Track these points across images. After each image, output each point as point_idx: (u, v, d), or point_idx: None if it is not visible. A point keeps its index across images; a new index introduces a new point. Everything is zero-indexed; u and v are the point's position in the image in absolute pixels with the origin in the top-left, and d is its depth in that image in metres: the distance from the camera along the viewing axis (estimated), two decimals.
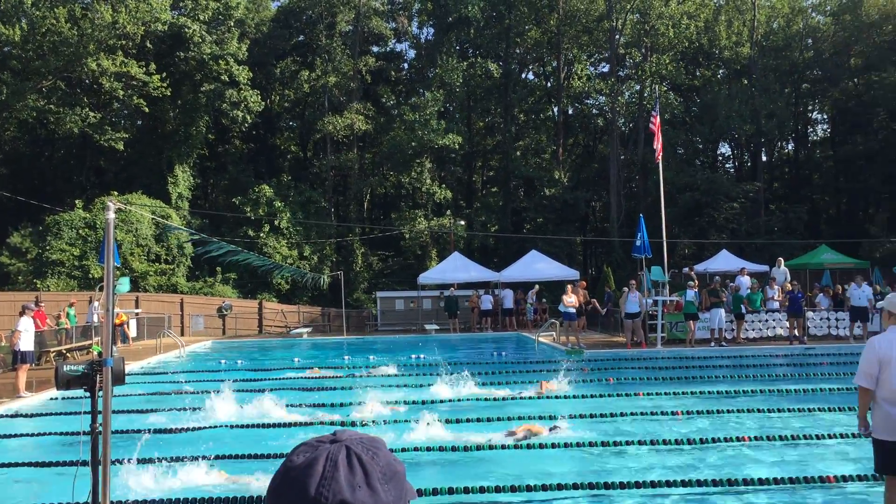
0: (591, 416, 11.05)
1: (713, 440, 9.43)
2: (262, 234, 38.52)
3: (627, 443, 9.33)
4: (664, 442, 9.32)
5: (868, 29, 44.40)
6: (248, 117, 40.16)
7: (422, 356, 19.89)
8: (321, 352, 23.57)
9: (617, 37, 44.36)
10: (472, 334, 28.20)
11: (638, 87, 45.46)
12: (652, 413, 11.36)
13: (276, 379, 15.94)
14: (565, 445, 9.23)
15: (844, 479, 7.57)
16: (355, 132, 43.02)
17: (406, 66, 50.93)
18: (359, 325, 34.85)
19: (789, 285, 24.03)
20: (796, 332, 22.50)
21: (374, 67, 45.31)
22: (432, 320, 31.06)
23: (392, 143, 41.96)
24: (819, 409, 11.21)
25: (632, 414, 11.17)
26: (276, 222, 39.05)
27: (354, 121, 41.97)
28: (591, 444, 9.29)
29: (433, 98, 41.12)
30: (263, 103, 41.55)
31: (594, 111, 50.26)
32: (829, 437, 9.46)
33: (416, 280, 33.08)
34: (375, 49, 48.52)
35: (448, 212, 42.80)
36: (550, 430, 9.90)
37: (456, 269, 32.44)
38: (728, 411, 11.44)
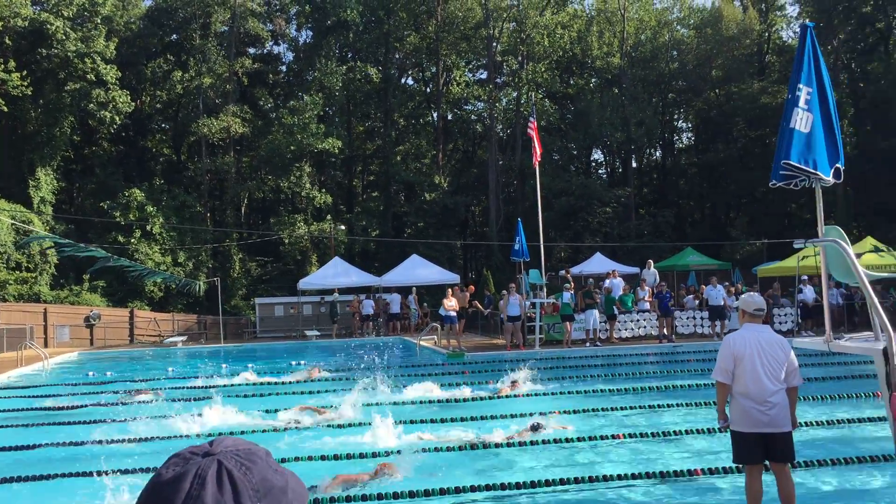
0: (463, 419, 11.20)
1: (589, 438, 9.74)
2: (132, 240, 37.02)
3: (508, 444, 9.51)
4: (532, 443, 9.53)
5: (728, 43, 46.96)
6: (117, 118, 38.50)
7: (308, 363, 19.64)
8: (197, 361, 22.87)
9: (494, 45, 45.19)
10: (355, 339, 28.03)
11: (515, 94, 46.44)
12: (531, 414, 11.61)
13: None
14: (447, 449, 9.32)
15: (711, 471, 7.97)
16: (232, 135, 42.02)
17: (284, 68, 50.17)
18: (237, 332, 34.04)
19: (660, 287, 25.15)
20: (665, 331, 23.57)
21: (251, 69, 44.42)
22: (313, 326, 30.70)
23: (270, 146, 41.23)
24: (686, 405, 11.76)
25: (512, 416, 11.38)
26: (147, 227, 37.61)
27: (231, 123, 40.99)
28: (471, 447, 9.41)
29: (312, 101, 40.68)
30: (133, 104, 39.92)
31: (473, 117, 51.01)
32: (697, 431, 9.93)
33: (296, 286, 32.61)
34: (252, 50, 47.56)
35: (328, 216, 42.41)
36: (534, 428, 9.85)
37: (337, 274, 32.20)
38: (602, 409, 11.84)
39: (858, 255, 6.30)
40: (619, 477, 7.84)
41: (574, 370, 16.62)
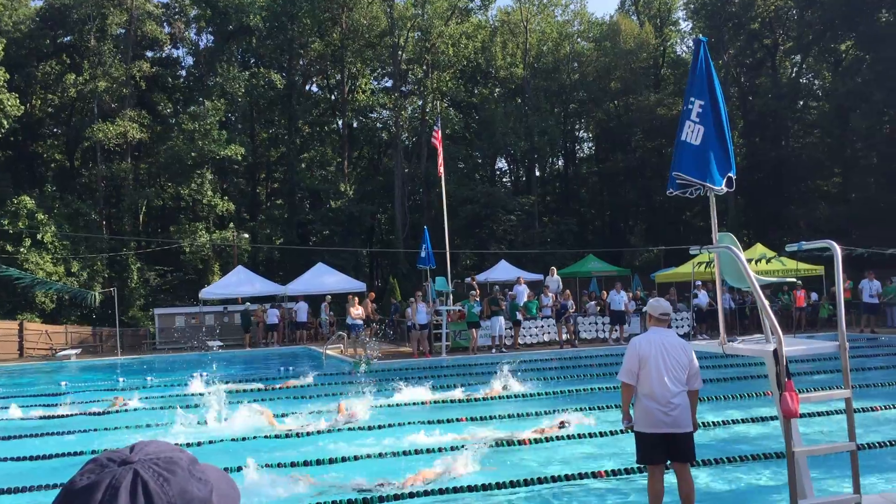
0: (371, 427, 11.16)
1: (497, 443, 9.83)
2: (22, 249, 35.31)
3: (416, 452, 9.51)
4: (441, 449, 9.56)
5: (626, 56, 48.42)
6: (5, 122, 36.69)
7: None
8: (92, 374, 22.00)
9: (399, 53, 45.27)
10: (261, 350, 27.53)
11: (420, 103, 46.62)
12: (439, 421, 11.65)
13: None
14: (367, 457, 9.25)
15: (614, 472, 8.16)
16: (129, 141, 40.63)
17: (184, 73, 48.88)
18: (135, 344, 32.89)
19: (565, 294, 25.69)
20: (566, 336, 24.12)
21: (150, 73, 43.05)
22: (215, 336, 29.98)
23: (170, 152, 40.08)
24: (590, 408, 12.02)
25: (420, 422, 11.39)
26: (38, 236, 35.95)
27: (128, 128, 39.62)
28: (367, 456, 9.37)
29: (214, 107, 39.80)
30: (23, 108, 38.15)
31: (378, 125, 50.94)
32: (600, 435, 10.16)
33: (197, 295, 31.78)
34: (150, 54, 46.14)
35: (231, 224, 41.51)
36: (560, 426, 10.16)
37: (240, 282, 31.58)
38: (509, 416, 11.98)
39: (749, 261, 6.59)
40: (527, 482, 7.94)
41: (480, 376, 16.74)
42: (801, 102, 45.87)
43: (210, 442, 10.57)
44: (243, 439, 10.70)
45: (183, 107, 45.41)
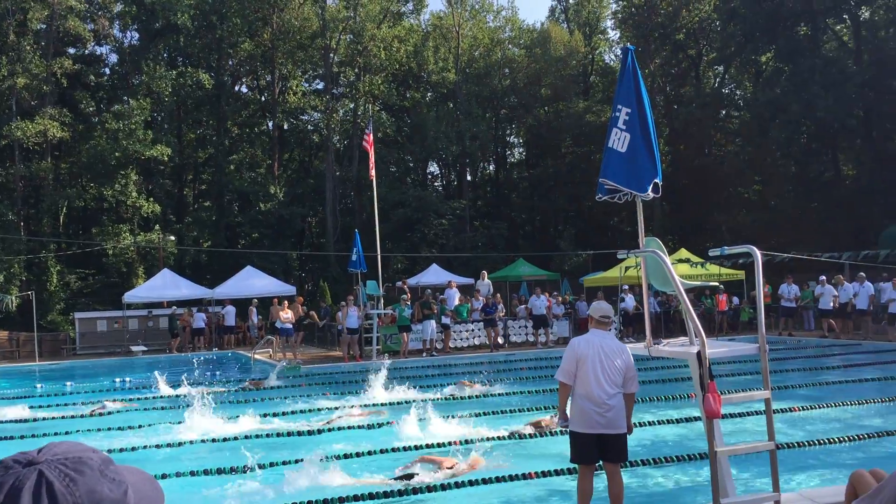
0: (290, 434, 11.06)
1: (426, 445, 9.83)
2: None
3: (345, 456, 9.44)
4: (370, 453, 9.54)
5: (556, 63, 49.08)
6: None
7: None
8: (6, 381, 21.20)
9: (331, 55, 44.97)
10: (188, 354, 26.91)
11: (352, 106, 46.38)
12: (370, 427, 11.60)
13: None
14: (284, 463, 9.13)
15: (545, 473, 8.25)
16: (49, 139, 39.31)
17: (108, 71, 47.55)
18: (54, 349, 31.80)
19: (496, 298, 25.90)
20: (498, 339, 24.33)
21: (72, 70, 41.73)
22: (139, 341, 29.22)
23: (93, 152, 38.93)
24: (519, 410, 12.13)
25: (349, 428, 11.32)
26: None
27: (48, 127, 38.31)
28: (283, 463, 9.26)
29: (139, 106, 38.82)
30: None
31: (310, 127, 50.46)
32: (530, 436, 10.25)
33: (120, 299, 30.94)
34: (73, 51, 44.76)
35: (157, 227, 40.54)
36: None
37: (166, 286, 30.87)
38: (442, 417, 12.00)
39: (674, 265, 6.75)
40: (458, 485, 7.96)
41: (412, 380, 16.73)
42: (724, 112, 47.23)
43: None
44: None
45: (107, 105, 44.17)
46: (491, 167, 55.70)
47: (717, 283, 25.67)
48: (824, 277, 24.37)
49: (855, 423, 10.84)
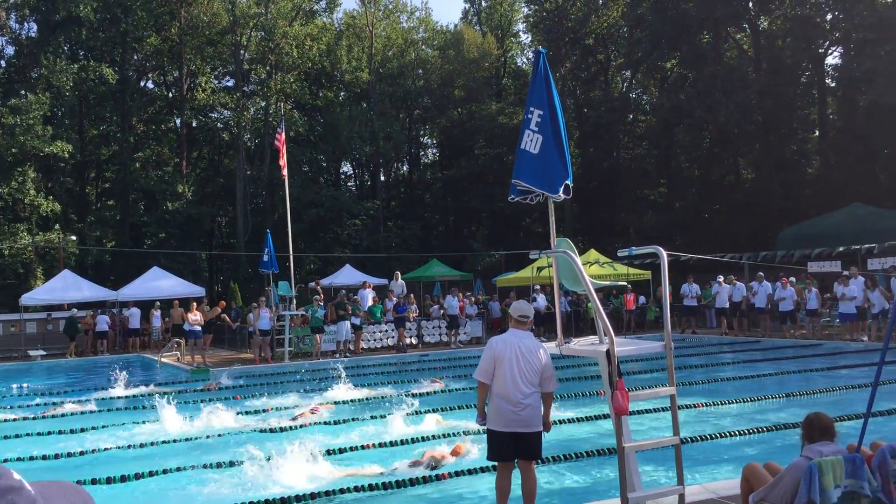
0: (207, 436, 10.83)
1: (339, 451, 9.75)
2: None
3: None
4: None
5: (469, 65, 49.47)
6: None
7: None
8: None
9: (242, 52, 44.15)
10: (89, 358, 25.95)
11: (264, 104, 45.65)
12: (282, 429, 11.44)
13: None
14: (206, 466, 8.92)
15: (457, 473, 8.29)
16: None
17: (3, 63, 45.41)
18: None
19: (409, 299, 25.91)
20: (408, 340, 24.40)
21: None
22: (38, 345, 28.00)
23: None
24: (434, 410, 12.16)
25: (254, 431, 11.15)
26: None
27: None
28: (204, 467, 9.08)
29: (38, 101, 37.20)
30: None
31: (220, 125, 49.37)
32: (444, 435, 10.29)
33: (17, 302, 29.58)
34: None
35: (57, 226, 38.95)
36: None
37: (66, 287, 29.67)
38: (353, 419, 11.93)
39: (584, 266, 6.91)
40: (372, 487, 7.92)
41: (325, 382, 16.58)
42: (631, 116, 48.51)
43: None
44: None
45: (3, 100, 42.19)
46: (405, 167, 55.71)
47: (624, 283, 26.43)
48: (721, 277, 25.33)
49: (754, 417, 11.29)
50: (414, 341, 25.21)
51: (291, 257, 24.14)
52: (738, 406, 12.25)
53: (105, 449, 10.42)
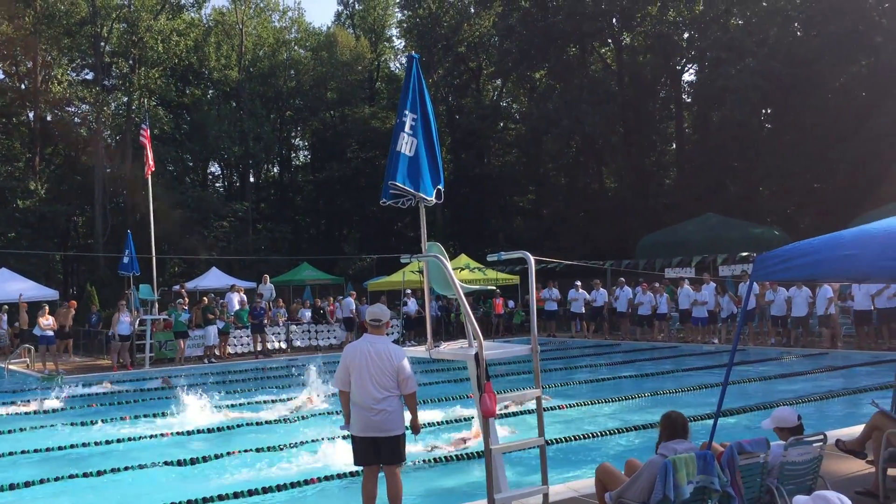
0: (73, 446, 10.30)
1: (203, 458, 9.47)
2: None
3: (122, 469, 8.89)
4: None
5: (342, 67, 49.17)
6: None
7: None
8: None
9: (102, 44, 42.14)
10: None
11: (126, 100, 43.73)
12: (161, 436, 11.01)
13: None
14: (72, 477, 8.43)
15: (328, 478, 8.20)
16: None
17: None
18: None
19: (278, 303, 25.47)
20: (277, 345, 23.99)
21: None
22: None
23: None
24: (297, 420, 12.00)
25: (118, 441, 10.69)
26: None
27: None
28: (71, 477, 8.64)
29: None
30: None
31: (77, 120, 46.85)
32: (313, 441, 10.15)
33: None
34: None
35: None
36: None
37: None
38: (223, 429, 11.63)
39: (455, 270, 7.00)
40: (236, 495, 7.75)
41: (194, 388, 16.04)
42: (502, 124, 49.52)
43: None
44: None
45: None
46: (275, 169, 54.75)
47: (493, 288, 26.93)
48: (579, 283, 26.23)
49: (616, 417, 11.73)
50: (283, 345, 24.79)
51: (154, 259, 23.25)
52: (598, 406, 12.68)
53: None
